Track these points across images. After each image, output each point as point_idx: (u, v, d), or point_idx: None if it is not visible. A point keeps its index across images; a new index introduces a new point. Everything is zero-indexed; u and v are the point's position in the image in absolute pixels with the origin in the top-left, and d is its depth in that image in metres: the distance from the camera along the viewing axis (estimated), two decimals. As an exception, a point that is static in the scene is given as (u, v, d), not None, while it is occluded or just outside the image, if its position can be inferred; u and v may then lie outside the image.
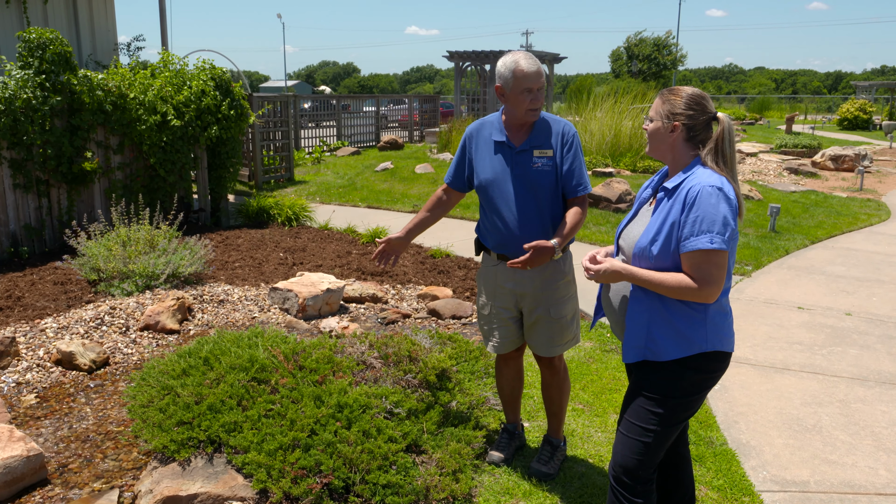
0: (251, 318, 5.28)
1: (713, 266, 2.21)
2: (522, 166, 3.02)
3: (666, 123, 2.37)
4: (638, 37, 45.79)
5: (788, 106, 41.72)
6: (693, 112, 2.33)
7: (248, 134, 12.23)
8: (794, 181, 13.18)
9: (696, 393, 2.38)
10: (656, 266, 2.31)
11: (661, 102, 2.39)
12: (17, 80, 6.87)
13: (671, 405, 2.36)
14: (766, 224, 8.95)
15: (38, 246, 7.30)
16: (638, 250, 2.36)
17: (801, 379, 4.48)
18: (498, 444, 3.41)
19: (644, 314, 2.37)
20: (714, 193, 2.22)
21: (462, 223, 9.39)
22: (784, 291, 6.36)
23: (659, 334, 2.34)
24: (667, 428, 2.38)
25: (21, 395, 4.03)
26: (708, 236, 2.20)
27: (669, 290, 2.26)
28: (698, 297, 2.24)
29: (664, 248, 2.29)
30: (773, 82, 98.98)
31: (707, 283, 2.22)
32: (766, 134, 22.84)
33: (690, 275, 2.24)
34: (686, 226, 2.24)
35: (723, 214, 2.21)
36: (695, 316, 2.31)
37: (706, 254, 2.21)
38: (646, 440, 2.38)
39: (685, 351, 2.32)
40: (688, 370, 2.34)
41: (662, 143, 2.40)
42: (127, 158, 7.98)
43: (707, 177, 2.27)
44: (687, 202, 2.25)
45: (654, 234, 2.32)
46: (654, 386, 2.38)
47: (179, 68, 8.76)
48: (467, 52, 20.68)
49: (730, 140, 2.33)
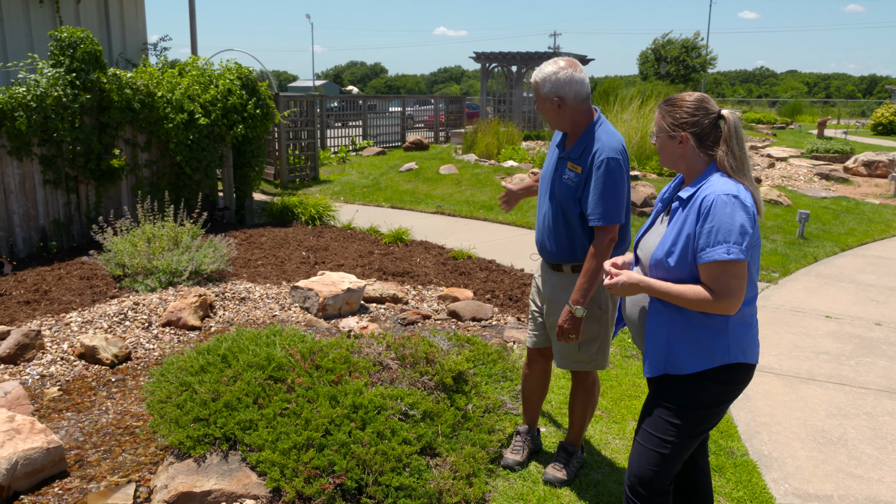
0: (272, 317, 5.30)
1: (731, 277, 2.15)
2: (559, 173, 2.95)
3: (673, 136, 2.30)
4: (665, 38, 45.34)
5: (821, 110, 40.96)
6: (697, 118, 2.27)
7: (273, 133, 12.33)
8: (824, 187, 12.94)
9: (718, 405, 2.32)
10: (673, 277, 2.25)
11: (662, 116, 2.32)
12: (49, 79, 6.99)
13: (691, 417, 2.31)
14: (794, 230, 8.79)
15: (67, 241, 7.42)
16: (654, 262, 2.30)
17: (826, 390, 4.38)
18: (513, 447, 3.38)
19: (663, 326, 2.31)
20: (729, 202, 2.15)
21: (484, 224, 9.36)
22: (811, 299, 6.24)
23: (679, 347, 2.28)
24: (685, 440, 2.33)
25: (45, 387, 4.09)
26: (724, 247, 2.13)
27: (688, 302, 2.20)
28: (718, 309, 2.18)
29: (681, 259, 2.23)
30: (805, 86, 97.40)
31: (726, 295, 2.15)
32: (798, 138, 22.46)
33: (709, 286, 2.18)
34: (702, 237, 2.17)
35: (739, 223, 2.14)
36: (716, 327, 2.25)
37: (723, 265, 2.14)
38: (663, 451, 2.33)
39: (707, 363, 2.26)
40: (709, 381, 2.28)
41: (674, 154, 2.33)
42: (154, 156, 8.08)
43: (721, 185, 2.20)
44: (701, 212, 2.18)
45: (669, 245, 2.25)
46: (674, 397, 2.32)
47: (206, 67, 8.86)
48: (494, 54, 20.64)
49: (737, 137, 2.25)
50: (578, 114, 2.87)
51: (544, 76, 2.85)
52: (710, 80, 67.86)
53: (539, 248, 3.12)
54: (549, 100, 2.86)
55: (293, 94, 13.04)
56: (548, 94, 2.85)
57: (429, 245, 7.98)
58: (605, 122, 2.90)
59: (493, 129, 15.75)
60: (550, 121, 2.94)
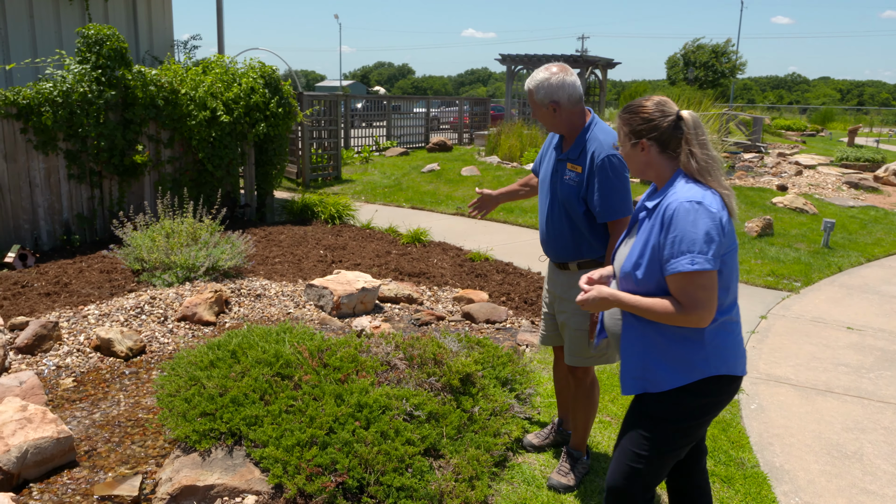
0: (286, 314, 5.33)
1: (698, 288, 2.04)
2: (559, 174, 3.04)
3: (634, 144, 2.22)
4: (695, 44, 44.89)
5: (853, 117, 40.24)
6: (654, 122, 2.17)
7: (297, 132, 12.42)
8: (853, 196, 12.70)
9: (697, 419, 2.21)
10: (643, 290, 2.16)
11: (621, 125, 2.25)
12: (75, 75, 7.11)
13: (668, 431, 2.21)
14: (819, 239, 8.64)
15: (90, 234, 7.54)
16: (623, 274, 2.22)
17: (844, 402, 4.29)
18: (538, 432, 3.54)
19: (638, 342, 2.22)
20: (692, 209, 2.05)
21: (503, 227, 9.33)
22: (833, 310, 6.12)
23: (655, 363, 2.18)
24: (662, 455, 2.23)
25: (60, 378, 4.15)
26: (688, 257, 2.03)
27: (658, 316, 2.10)
28: (688, 322, 2.08)
29: (648, 271, 2.14)
30: (837, 93, 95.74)
31: (694, 307, 2.05)
32: (827, 146, 22.09)
33: (676, 299, 2.08)
34: (666, 247, 2.08)
35: (704, 231, 2.04)
36: (693, 338, 2.14)
37: (689, 276, 2.04)
38: (637, 466, 2.24)
39: (685, 378, 2.15)
40: (689, 396, 2.17)
41: (639, 163, 2.25)
42: (176, 152, 8.18)
43: (685, 191, 2.10)
44: (664, 222, 2.09)
45: (636, 257, 2.17)
46: (651, 410, 2.23)
47: (230, 66, 8.95)
48: (519, 56, 20.59)
49: (699, 137, 2.14)
50: (573, 116, 2.96)
51: (537, 83, 2.94)
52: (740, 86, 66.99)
53: (545, 248, 3.19)
54: (545, 105, 2.95)
55: (316, 94, 13.13)
56: (542, 100, 2.95)
57: (447, 246, 7.97)
58: (599, 121, 2.98)
59: (516, 132, 15.71)
60: (547, 125, 3.02)
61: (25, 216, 6.98)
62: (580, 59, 20.16)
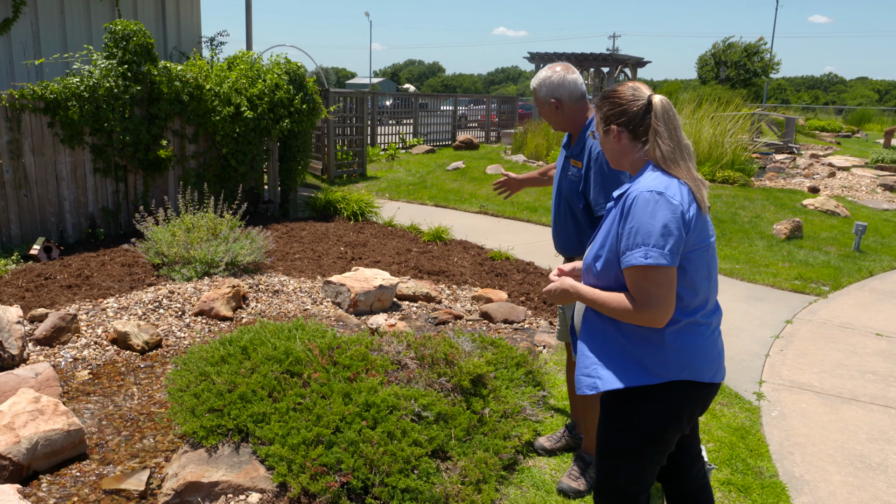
0: (303, 310, 5.33)
1: (651, 284, 1.91)
2: (565, 170, 3.10)
3: (607, 131, 2.13)
4: (727, 42, 44.17)
5: (890, 119, 39.24)
6: (623, 107, 2.06)
7: (322, 128, 12.45)
8: (887, 199, 12.36)
9: (660, 425, 2.05)
10: (602, 284, 2.04)
11: (596, 111, 2.17)
12: (102, 70, 7.18)
13: (629, 440, 2.08)
14: (850, 243, 8.41)
15: (114, 228, 7.62)
16: (585, 267, 2.12)
17: (869, 412, 4.15)
18: (550, 436, 3.49)
19: (597, 338, 2.09)
20: (651, 199, 1.92)
21: (527, 226, 9.25)
22: (862, 315, 5.94)
23: (608, 360, 2.05)
24: (630, 467, 2.11)
25: (76, 370, 4.19)
26: (642, 250, 1.90)
27: (611, 311, 1.98)
28: (641, 321, 1.94)
29: (607, 264, 2.02)
30: (875, 93, 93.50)
31: (647, 305, 1.92)
32: (863, 147, 21.55)
33: (631, 294, 1.95)
34: (623, 238, 1.96)
35: (661, 223, 1.90)
36: (651, 339, 2.00)
37: (642, 270, 1.91)
38: (601, 477, 2.15)
39: (636, 379, 2.00)
40: (646, 401, 2.03)
41: (613, 152, 2.15)
42: (201, 148, 8.24)
43: (649, 180, 1.98)
44: (624, 212, 1.97)
45: (597, 248, 2.07)
46: (610, 417, 2.11)
47: (255, 62, 8.98)
48: (549, 54, 20.46)
49: (667, 123, 2.01)
50: (576, 113, 3.02)
51: (540, 81, 3.03)
52: (774, 86, 65.81)
53: (554, 243, 3.28)
54: (547, 102, 3.02)
55: (343, 91, 13.14)
56: (545, 98, 3.02)
57: (468, 245, 7.92)
58: None
59: (543, 130, 15.58)
60: (552, 123, 3.08)
61: (52, 209, 7.08)
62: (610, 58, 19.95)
